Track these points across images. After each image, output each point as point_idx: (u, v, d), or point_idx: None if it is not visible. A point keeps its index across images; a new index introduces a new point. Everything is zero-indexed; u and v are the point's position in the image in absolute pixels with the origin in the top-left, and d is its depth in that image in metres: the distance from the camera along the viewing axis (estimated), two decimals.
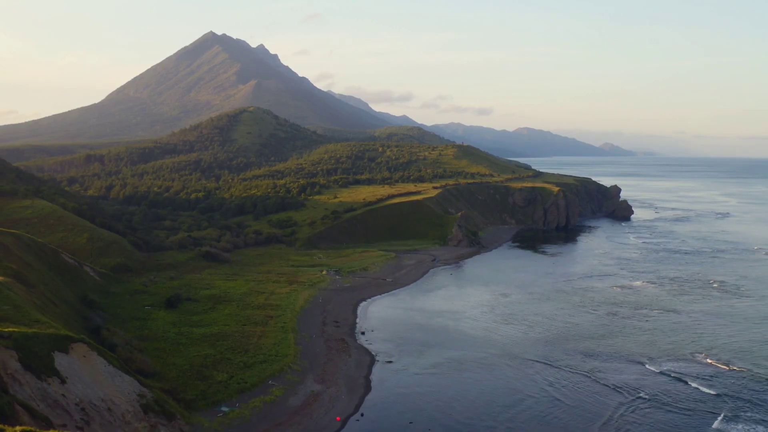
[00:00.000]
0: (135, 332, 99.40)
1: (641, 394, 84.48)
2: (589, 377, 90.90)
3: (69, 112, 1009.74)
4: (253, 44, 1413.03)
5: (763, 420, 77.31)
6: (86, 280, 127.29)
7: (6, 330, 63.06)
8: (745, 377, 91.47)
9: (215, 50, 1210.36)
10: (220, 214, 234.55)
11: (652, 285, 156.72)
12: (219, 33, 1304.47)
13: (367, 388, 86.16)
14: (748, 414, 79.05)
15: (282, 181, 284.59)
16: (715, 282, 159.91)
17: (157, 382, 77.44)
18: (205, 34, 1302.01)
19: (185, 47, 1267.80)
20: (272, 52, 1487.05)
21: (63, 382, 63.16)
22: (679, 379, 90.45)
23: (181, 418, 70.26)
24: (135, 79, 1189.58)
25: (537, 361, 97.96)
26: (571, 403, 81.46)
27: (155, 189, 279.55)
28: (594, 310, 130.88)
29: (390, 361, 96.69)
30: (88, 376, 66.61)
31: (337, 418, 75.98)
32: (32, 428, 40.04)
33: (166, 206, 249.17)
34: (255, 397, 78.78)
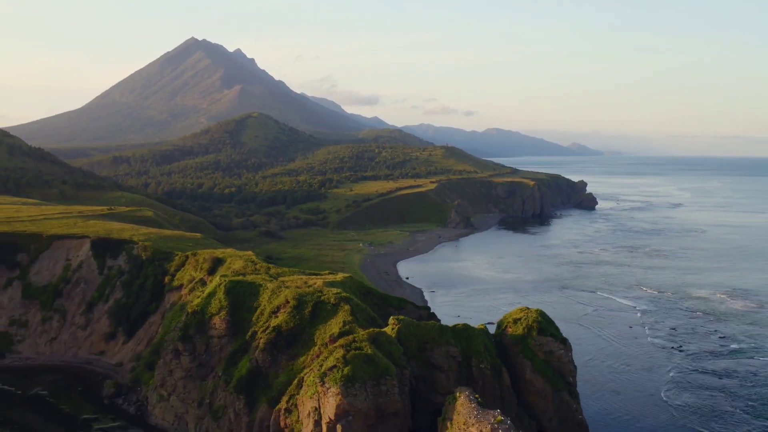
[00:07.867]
0: None
1: (595, 309, 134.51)
2: (561, 297, 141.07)
3: (57, 115, 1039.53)
4: (231, 48, 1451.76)
5: (674, 319, 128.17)
6: None
7: (227, 250, 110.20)
8: (668, 299, 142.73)
9: (198, 56, 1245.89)
10: (255, 205, 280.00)
11: (608, 252, 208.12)
12: (200, 38, 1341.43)
13: (423, 303, 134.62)
14: (664, 320, 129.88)
15: (302, 178, 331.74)
16: (656, 249, 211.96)
17: None
18: (187, 40, 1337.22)
19: (168, 53, 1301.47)
20: (249, 56, 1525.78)
21: None
22: (622, 299, 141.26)
23: None
24: (119, 83, 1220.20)
25: (529, 288, 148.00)
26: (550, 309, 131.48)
27: (189, 185, 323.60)
28: (564, 264, 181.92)
29: (433, 291, 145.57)
30: None
31: None
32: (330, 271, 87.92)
33: (206, 200, 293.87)
34: None
